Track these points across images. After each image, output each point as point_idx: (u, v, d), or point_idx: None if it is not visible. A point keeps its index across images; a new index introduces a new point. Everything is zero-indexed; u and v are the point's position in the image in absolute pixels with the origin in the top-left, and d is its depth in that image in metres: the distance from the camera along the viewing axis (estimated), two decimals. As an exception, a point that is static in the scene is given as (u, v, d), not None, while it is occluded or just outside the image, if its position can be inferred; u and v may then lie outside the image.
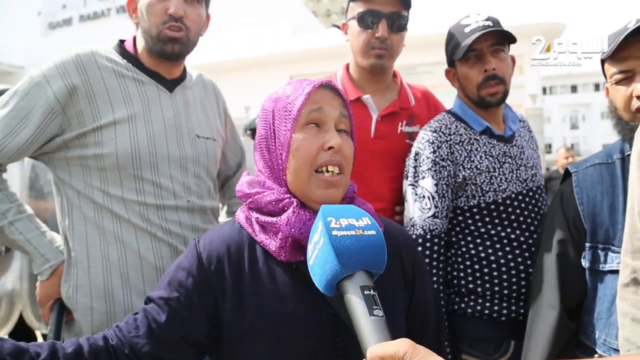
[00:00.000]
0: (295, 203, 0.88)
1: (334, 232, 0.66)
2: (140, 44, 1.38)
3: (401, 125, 1.65)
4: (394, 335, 0.59)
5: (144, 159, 1.29)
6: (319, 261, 0.67)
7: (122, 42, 1.43)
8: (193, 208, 1.37)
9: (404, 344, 0.55)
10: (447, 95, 1.88)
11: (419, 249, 1.45)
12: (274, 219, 0.87)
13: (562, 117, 44.47)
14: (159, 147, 1.32)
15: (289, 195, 0.89)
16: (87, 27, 15.93)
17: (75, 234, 1.30)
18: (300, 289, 0.87)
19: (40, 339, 2.58)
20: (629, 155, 1.28)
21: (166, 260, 1.29)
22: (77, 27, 16.25)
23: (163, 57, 1.36)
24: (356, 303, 0.62)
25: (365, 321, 0.60)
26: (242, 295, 0.87)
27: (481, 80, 1.49)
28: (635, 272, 0.97)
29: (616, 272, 1.20)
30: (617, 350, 1.17)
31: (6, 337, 0.76)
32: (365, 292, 0.63)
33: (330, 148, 0.88)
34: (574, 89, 46.64)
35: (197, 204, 1.38)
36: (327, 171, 0.88)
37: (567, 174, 1.39)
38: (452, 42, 1.57)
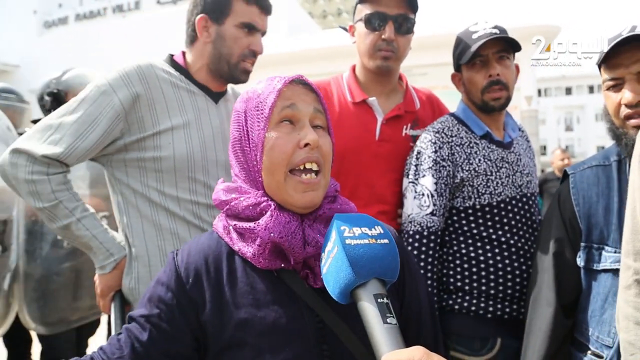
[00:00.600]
0: (273, 206, 0.85)
1: (348, 241, 0.67)
2: (199, 61, 1.50)
3: (406, 129, 1.67)
4: None
5: (197, 162, 1.42)
6: (333, 269, 0.68)
7: (171, 55, 1.55)
8: None
9: (417, 351, 0.56)
10: (442, 97, 1.89)
11: (415, 244, 1.48)
12: (252, 224, 0.84)
13: (556, 119, 44.65)
14: (209, 152, 1.45)
15: (266, 199, 0.86)
16: (83, 26, 15.83)
17: (133, 230, 1.42)
18: (281, 297, 0.85)
19: (35, 340, 2.57)
20: (625, 158, 1.31)
21: None
22: (73, 26, 16.15)
23: (228, 81, 1.53)
24: (370, 311, 0.63)
25: (379, 329, 0.61)
26: (223, 307, 0.85)
27: (485, 84, 1.54)
28: (638, 274, 0.98)
29: (609, 271, 1.24)
30: (608, 347, 1.21)
31: None
32: (379, 300, 0.64)
33: (306, 145, 0.84)
34: (568, 91, 46.83)
35: None
36: (305, 169, 0.85)
37: (565, 175, 1.43)
38: (459, 47, 1.60)
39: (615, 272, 1.22)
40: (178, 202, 1.40)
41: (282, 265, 0.85)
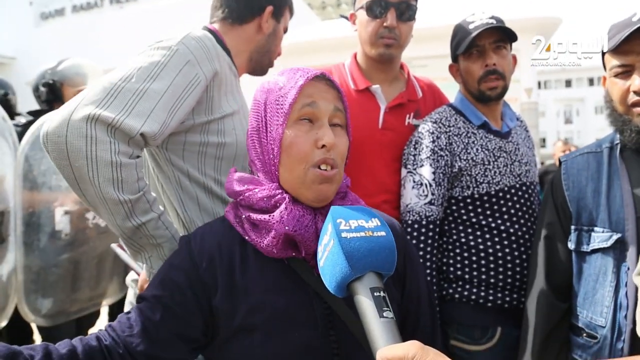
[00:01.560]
0: (287, 199, 0.86)
1: (344, 234, 0.67)
2: (245, 47, 1.41)
3: (408, 118, 1.67)
4: None
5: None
6: (329, 263, 0.67)
7: (212, 31, 1.35)
8: None
9: (413, 347, 0.55)
10: (442, 89, 1.89)
11: (414, 234, 1.48)
12: (266, 216, 0.85)
13: (556, 111, 44.64)
14: None
15: (280, 191, 0.88)
16: (79, 17, 15.73)
17: (193, 221, 1.22)
18: (291, 285, 0.87)
19: (36, 332, 2.58)
20: (617, 144, 1.33)
21: None
22: (69, 17, 16.04)
23: (254, 73, 1.51)
24: (366, 305, 0.62)
25: (375, 323, 0.60)
26: (234, 292, 0.86)
27: (482, 74, 1.54)
28: None
29: (598, 250, 1.27)
30: (602, 327, 1.24)
31: None
32: (375, 294, 0.63)
33: (323, 146, 0.85)
34: (568, 83, 46.80)
35: None
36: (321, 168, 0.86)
37: (560, 163, 1.45)
38: (456, 38, 1.60)
39: (605, 250, 1.25)
40: None
41: (293, 254, 0.86)
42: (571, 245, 1.33)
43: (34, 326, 2.53)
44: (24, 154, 2.10)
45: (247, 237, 0.89)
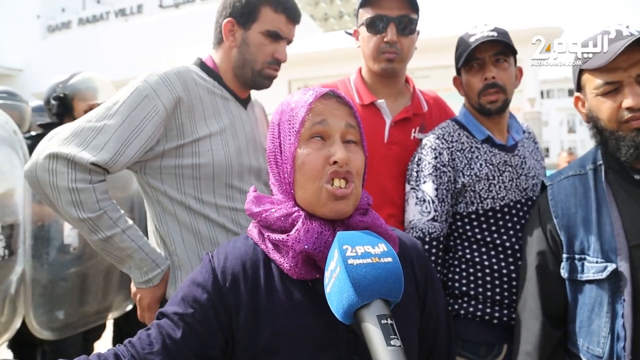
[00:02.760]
0: (303, 216, 0.85)
1: (350, 261, 0.66)
2: (226, 65, 1.49)
3: (414, 132, 1.67)
4: (407, 348, 0.60)
5: (234, 169, 1.41)
6: (336, 290, 0.67)
7: (201, 59, 1.52)
8: None
9: None
10: (444, 100, 1.89)
11: None
12: (284, 236, 0.84)
13: (559, 120, 44.55)
14: (244, 158, 1.45)
15: (297, 209, 0.87)
16: (85, 30, 15.91)
17: (174, 239, 1.39)
18: (316, 307, 0.85)
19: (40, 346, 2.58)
20: (600, 164, 1.31)
21: None
22: (75, 30, 16.23)
23: (251, 87, 1.52)
24: (373, 333, 0.61)
25: (383, 351, 0.60)
26: (258, 313, 0.85)
27: (481, 87, 1.53)
28: None
29: (593, 282, 1.23)
30: (599, 357, 1.21)
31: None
32: (383, 322, 0.62)
33: (335, 162, 0.84)
34: (571, 92, 46.63)
35: None
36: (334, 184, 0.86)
37: (543, 186, 1.43)
38: (458, 51, 1.60)
39: (599, 282, 1.22)
40: (217, 209, 1.39)
41: (317, 275, 0.85)
42: (564, 273, 1.30)
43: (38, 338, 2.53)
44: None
45: (270, 256, 0.88)
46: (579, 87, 1.35)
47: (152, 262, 1.37)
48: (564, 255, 1.30)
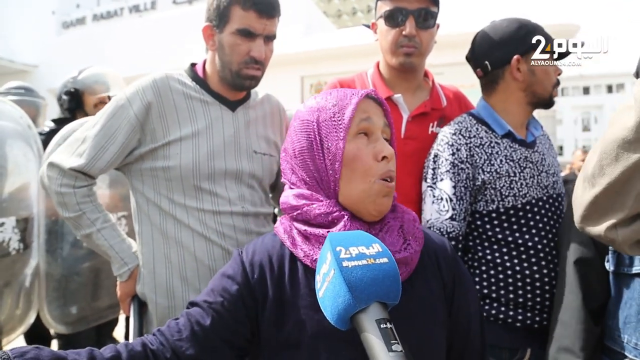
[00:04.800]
0: (346, 217, 0.87)
1: (345, 263, 0.62)
2: (212, 70, 1.52)
3: (432, 126, 1.63)
4: (431, 348, 0.57)
5: (202, 172, 1.44)
6: (330, 294, 0.63)
7: (193, 65, 1.57)
8: (248, 213, 1.50)
9: None
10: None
11: None
12: (324, 231, 0.86)
13: (574, 119, 44.00)
14: (217, 161, 1.46)
15: (338, 208, 0.88)
16: (100, 26, 16.01)
17: (143, 238, 1.50)
18: None
19: (54, 339, 2.61)
20: None
21: (218, 262, 1.44)
22: (90, 26, 16.35)
23: (237, 90, 1.51)
24: (372, 339, 0.58)
25: (384, 357, 0.56)
26: (283, 306, 0.88)
27: (555, 81, 1.52)
28: None
29: None
30: None
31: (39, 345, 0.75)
32: (382, 326, 0.59)
33: (383, 158, 0.88)
34: (586, 90, 46.11)
35: (251, 210, 1.51)
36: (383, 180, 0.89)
37: None
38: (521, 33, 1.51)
39: None
40: (186, 209, 1.44)
41: None
42: (609, 266, 1.26)
43: (51, 331, 2.56)
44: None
45: (295, 251, 0.90)
46: None
47: (121, 260, 1.52)
48: (611, 247, 1.25)
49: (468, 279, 1.02)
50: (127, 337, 2.83)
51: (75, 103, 2.68)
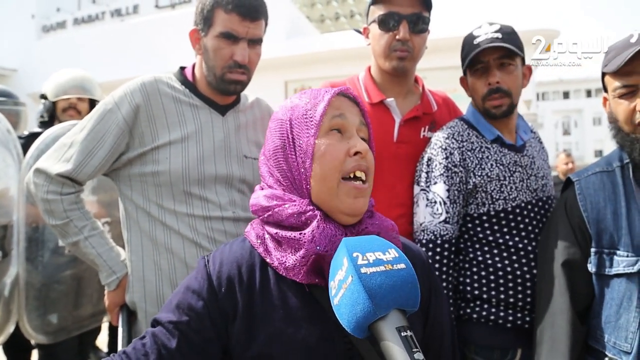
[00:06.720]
0: (319, 216, 0.82)
1: (363, 270, 0.61)
2: (201, 74, 1.49)
3: (424, 131, 1.64)
4: None
5: (192, 177, 1.41)
6: (347, 301, 0.61)
7: (182, 68, 1.54)
8: (239, 219, 1.46)
9: None
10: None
11: (429, 253, 1.44)
12: (296, 233, 0.81)
13: (554, 123, 44.80)
14: (207, 165, 1.43)
15: (312, 207, 0.84)
16: (81, 30, 15.80)
17: (132, 245, 1.46)
18: (312, 315, 0.82)
19: (34, 349, 2.55)
20: (627, 163, 1.33)
21: None
22: (71, 30, 16.12)
23: (223, 94, 1.49)
24: (394, 348, 0.57)
25: None
26: (253, 319, 0.83)
27: (485, 92, 1.50)
28: None
29: (622, 275, 1.25)
30: (627, 353, 1.21)
31: None
32: (403, 334, 0.58)
33: (356, 153, 0.85)
34: (566, 95, 47.01)
35: (242, 215, 1.47)
36: (355, 177, 0.85)
37: (568, 182, 1.43)
38: (463, 52, 1.57)
39: (629, 276, 1.23)
40: (175, 215, 1.40)
41: (316, 281, 0.82)
42: (591, 268, 1.31)
43: (32, 341, 2.50)
44: (29, 168, 2.09)
45: (268, 259, 0.85)
46: (605, 89, 1.38)
47: (109, 269, 1.49)
48: (592, 250, 1.31)
49: (442, 291, 1.01)
50: (113, 347, 2.79)
51: (47, 107, 2.69)
